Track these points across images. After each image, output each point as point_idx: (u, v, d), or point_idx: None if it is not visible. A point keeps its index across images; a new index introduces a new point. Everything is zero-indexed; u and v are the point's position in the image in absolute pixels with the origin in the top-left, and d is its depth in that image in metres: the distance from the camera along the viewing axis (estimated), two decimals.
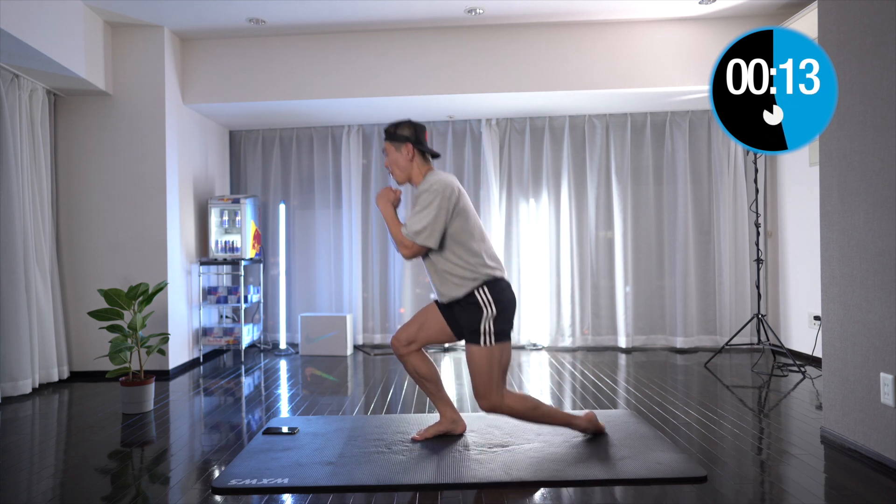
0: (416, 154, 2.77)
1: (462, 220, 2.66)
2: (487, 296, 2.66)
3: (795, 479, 2.40)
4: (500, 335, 2.67)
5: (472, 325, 2.67)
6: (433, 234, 2.61)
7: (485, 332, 2.65)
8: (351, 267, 5.78)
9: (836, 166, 2.76)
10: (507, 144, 5.71)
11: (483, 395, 2.68)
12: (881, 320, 2.50)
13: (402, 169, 2.78)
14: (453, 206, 2.64)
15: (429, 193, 2.63)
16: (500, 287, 2.69)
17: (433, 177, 2.70)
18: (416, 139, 2.77)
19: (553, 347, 5.54)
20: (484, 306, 2.65)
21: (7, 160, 3.95)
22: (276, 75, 4.90)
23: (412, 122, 2.80)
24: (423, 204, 2.63)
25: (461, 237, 2.65)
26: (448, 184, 2.66)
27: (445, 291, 2.72)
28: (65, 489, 2.42)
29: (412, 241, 2.62)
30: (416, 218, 2.63)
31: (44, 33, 3.72)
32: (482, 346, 2.65)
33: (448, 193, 2.63)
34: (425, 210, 2.61)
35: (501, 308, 2.67)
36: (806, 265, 4.79)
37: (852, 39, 2.65)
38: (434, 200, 2.61)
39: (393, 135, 2.78)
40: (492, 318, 2.65)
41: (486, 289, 2.66)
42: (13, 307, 3.96)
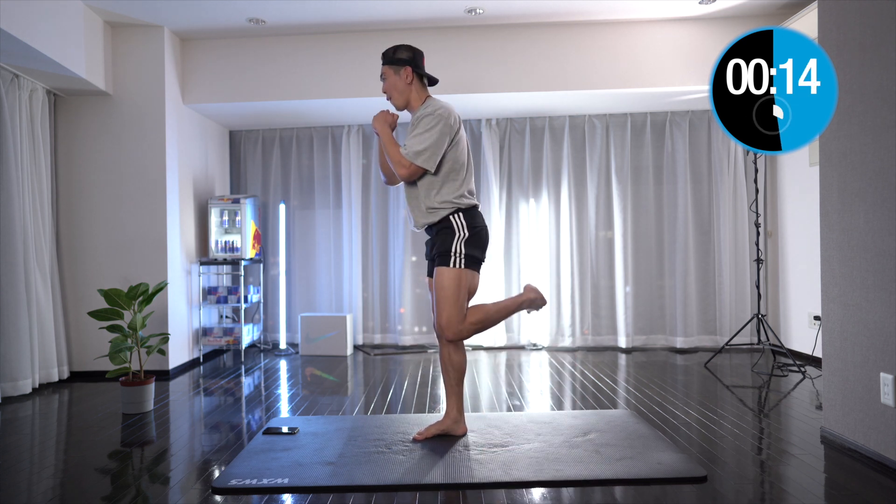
0: (414, 78, 2.79)
1: (456, 150, 2.71)
2: (461, 220, 2.72)
3: (795, 479, 2.40)
4: (471, 260, 2.72)
5: (444, 248, 2.71)
6: (433, 157, 2.65)
7: (455, 253, 2.69)
8: (351, 267, 5.78)
9: (836, 166, 2.76)
10: (507, 144, 5.71)
11: (447, 325, 2.71)
12: (881, 320, 2.50)
13: (401, 93, 2.80)
14: (454, 134, 2.69)
15: (432, 117, 2.66)
16: (473, 214, 2.76)
17: (435, 102, 2.74)
18: (415, 63, 2.78)
19: (553, 347, 5.54)
20: (457, 228, 2.71)
21: (7, 160, 3.95)
22: (276, 75, 4.90)
23: (411, 46, 2.82)
24: (425, 126, 2.65)
25: (451, 168, 2.71)
26: (451, 111, 2.71)
27: (420, 219, 2.78)
28: (65, 489, 2.42)
29: (411, 161, 2.65)
30: (417, 139, 2.65)
31: (44, 33, 3.72)
32: (451, 266, 2.69)
33: (451, 121, 2.68)
34: (427, 132, 2.64)
35: (474, 232, 2.72)
36: (806, 265, 4.79)
37: (852, 39, 2.65)
38: (437, 124, 2.65)
39: (391, 58, 2.79)
40: (463, 241, 2.70)
41: (460, 214, 2.73)
42: (13, 307, 3.96)
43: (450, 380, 2.88)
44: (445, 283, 2.69)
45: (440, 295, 2.70)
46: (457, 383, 2.88)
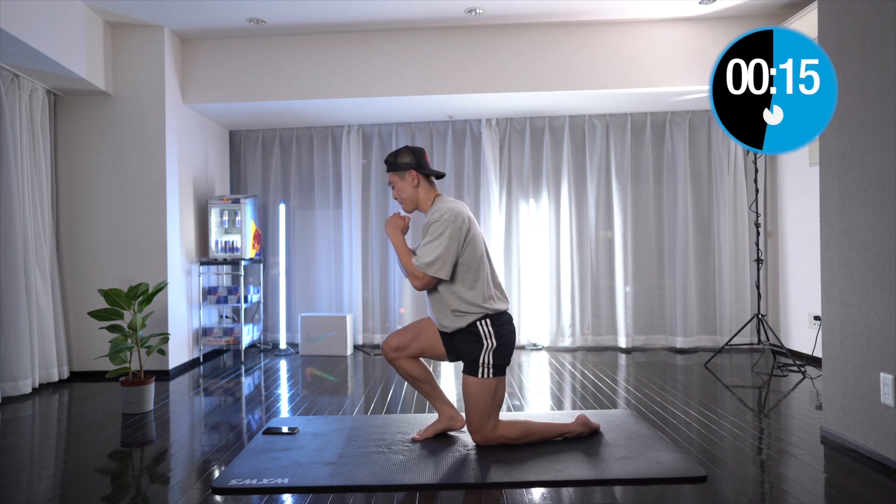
0: (420, 179, 2.75)
1: (472, 249, 2.65)
2: (489, 328, 2.66)
3: (795, 479, 2.40)
4: (498, 369, 2.68)
5: (471, 356, 2.67)
6: (444, 266, 2.60)
7: (483, 365, 2.65)
8: (351, 267, 5.78)
9: (836, 166, 2.76)
10: (507, 144, 5.71)
11: (477, 429, 2.69)
12: (881, 320, 2.50)
13: (410, 197, 2.76)
14: (464, 237, 2.63)
15: (439, 224, 2.60)
16: (502, 320, 2.70)
17: (443, 205, 2.68)
18: (417, 164, 2.75)
19: (553, 347, 5.54)
20: (485, 338, 2.65)
21: (7, 160, 3.95)
22: (276, 75, 4.90)
23: (410, 148, 2.78)
24: (433, 234, 2.61)
25: (469, 269, 2.64)
26: (458, 213, 2.64)
27: (447, 323, 2.71)
28: (65, 489, 2.42)
29: (423, 272, 2.60)
30: (426, 248, 2.60)
31: (44, 33, 3.72)
32: (480, 377, 2.65)
33: (459, 223, 2.61)
34: (436, 241, 2.59)
35: (502, 342, 2.67)
36: (806, 265, 4.79)
37: (852, 39, 2.65)
38: (445, 231, 2.59)
39: (394, 164, 2.76)
40: (492, 351, 2.65)
41: (488, 321, 2.66)
42: (13, 307, 3.96)
43: (425, 391, 2.89)
44: (474, 392, 2.66)
45: (469, 403, 2.69)
46: (433, 389, 2.89)
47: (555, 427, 2.81)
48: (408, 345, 2.83)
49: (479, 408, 2.66)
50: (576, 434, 2.83)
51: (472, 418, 2.69)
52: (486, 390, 2.65)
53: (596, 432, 2.90)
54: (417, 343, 2.83)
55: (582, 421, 2.86)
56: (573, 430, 2.82)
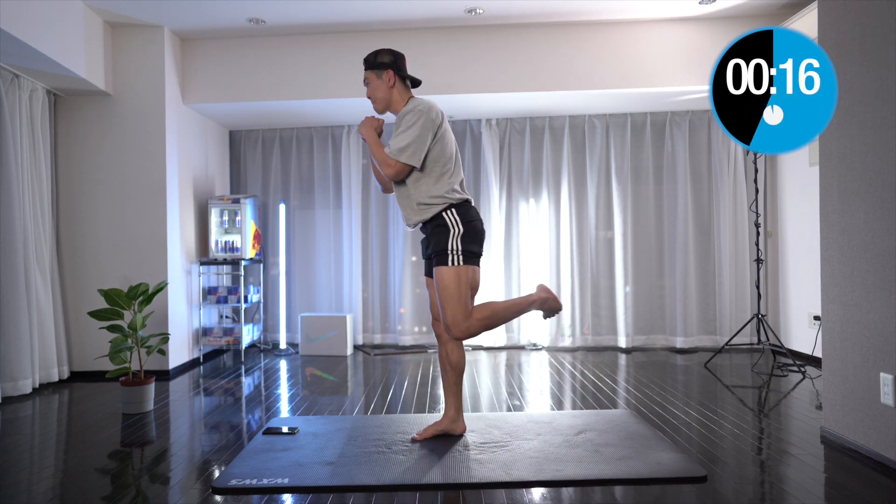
0: (397, 80, 2.80)
1: (442, 144, 2.70)
2: (455, 216, 2.70)
3: (795, 479, 2.40)
4: (469, 256, 2.70)
5: (440, 246, 2.69)
6: (417, 152, 2.65)
7: (452, 251, 2.67)
8: (351, 267, 5.78)
9: (836, 166, 2.76)
10: (507, 144, 5.71)
11: (453, 323, 2.67)
12: (881, 320, 2.50)
13: (383, 97, 2.81)
14: (437, 129, 2.69)
15: (412, 114, 2.67)
16: (465, 208, 2.74)
17: (416, 100, 2.74)
18: (396, 66, 2.80)
19: (553, 347, 5.54)
20: (451, 225, 2.69)
21: (7, 160, 3.95)
22: (275, 75, 4.90)
23: (392, 49, 2.84)
24: (406, 124, 2.66)
25: (437, 162, 2.69)
26: (432, 106, 2.70)
27: (412, 216, 2.77)
28: (65, 489, 2.42)
29: (396, 158, 2.65)
30: (400, 137, 2.66)
31: (44, 33, 3.72)
32: (450, 265, 2.67)
33: (433, 116, 2.68)
34: (410, 129, 2.65)
35: (469, 227, 2.71)
36: (806, 265, 4.79)
37: (852, 39, 2.65)
38: (418, 120, 2.65)
39: (373, 63, 2.81)
40: (459, 237, 2.68)
41: (453, 210, 2.71)
42: (13, 307, 3.96)
43: (448, 379, 2.87)
44: (446, 282, 2.67)
45: (442, 295, 2.69)
46: (455, 382, 2.87)
47: (520, 299, 2.86)
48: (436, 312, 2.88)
49: (451, 297, 2.65)
50: (541, 300, 2.87)
51: (447, 312, 2.67)
52: (457, 277, 2.66)
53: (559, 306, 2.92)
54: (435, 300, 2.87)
55: (543, 288, 2.90)
56: (538, 297, 2.87)
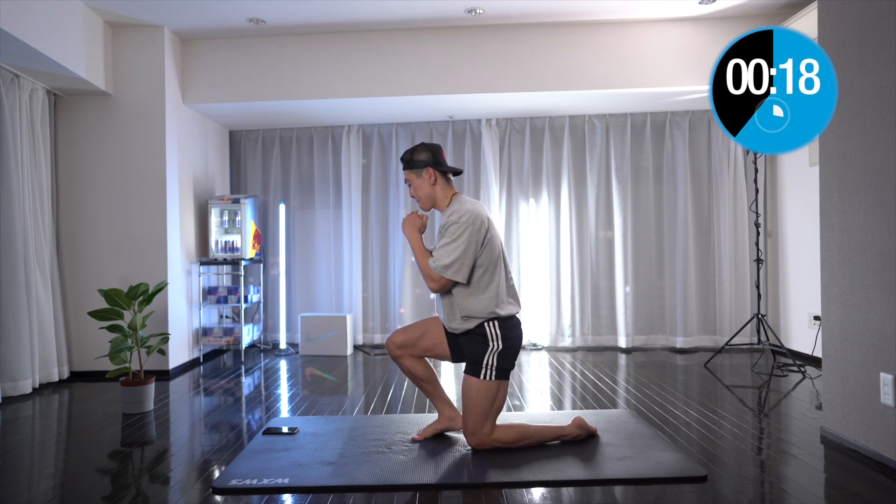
0: (438, 177, 2.71)
1: (489, 251, 2.61)
2: (496, 330, 2.61)
3: (795, 479, 2.40)
4: (502, 372, 2.63)
5: (475, 357, 2.62)
6: (462, 269, 2.55)
7: (487, 366, 2.61)
8: (351, 267, 5.78)
9: (836, 166, 2.76)
10: (507, 144, 5.71)
11: (473, 432, 2.63)
12: (881, 320, 2.50)
13: (427, 195, 2.72)
14: (483, 239, 2.59)
15: (458, 226, 2.56)
16: (510, 324, 2.65)
17: (461, 206, 2.63)
18: (434, 161, 2.70)
19: (553, 347, 5.54)
20: (491, 340, 2.61)
21: (7, 160, 3.95)
22: (276, 75, 4.90)
23: (427, 145, 2.73)
24: (451, 236, 2.56)
25: (486, 271, 2.60)
26: (477, 214, 2.59)
27: (455, 326, 2.67)
28: (65, 489, 2.42)
29: (440, 275, 2.55)
30: (444, 251, 2.56)
31: (44, 33, 3.72)
32: (482, 379, 2.60)
33: (478, 226, 2.57)
34: (454, 242, 2.54)
35: (508, 344, 2.63)
36: (806, 265, 4.79)
37: (852, 39, 2.65)
38: (464, 233, 2.54)
39: (410, 161, 2.71)
40: (496, 353, 2.61)
41: (496, 323, 2.62)
42: (13, 307, 3.96)
43: (426, 389, 2.87)
44: (474, 394, 2.61)
45: (467, 405, 2.64)
46: (434, 389, 2.87)
47: (551, 430, 2.77)
48: (413, 343, 2.80)
49: (477, 410, 2.61)
50: (572, 437, 2.78)
51: (469, 421, 2.63)
52: (486, 392, 2.60)
53: (593, 436, 2.86)
54: (423, 342, 2.80)
55: (578, 423, 2.80)
56: (570, 433, 2.77)
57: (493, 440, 2.65)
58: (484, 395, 2.60)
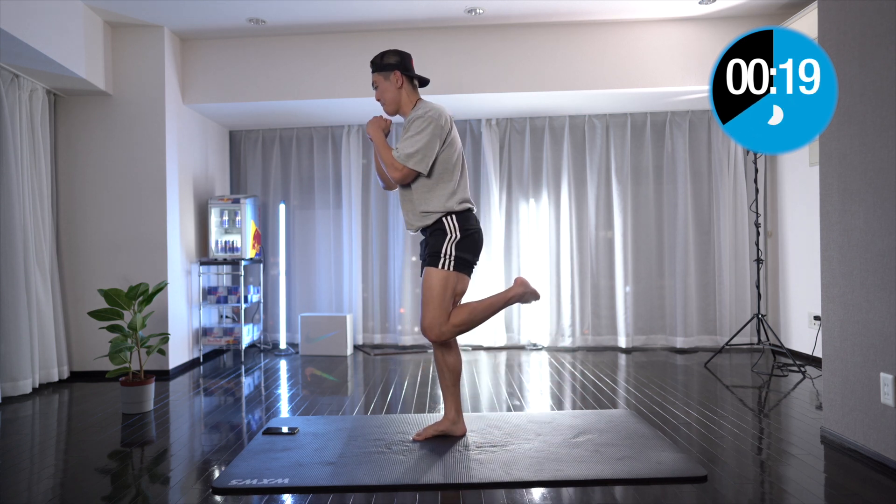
0: (405, 81, 2.78)
1: (449, 151, 2.70)
2: (454, 222, 2.69)
3: (795, 479, 2.40)
4: (461, 263, 2.68)
5: (435, 248, 2.69)
6: (425, 159, 2.64)
7: (445, 255, 2.67)
8: (351, 267, 5.78)
9: (836, 166, 2.76)
10: (507, 144, 5.71)
11: (430, 326, 2.67)
12: (881, 320, 2.50)
13: (392, 98, 2.78)
14: (446, 135, 2.68)
15: (422, 120, 2.65)
16: (467, 216, 2.73)
17: (426, 104, 2.73)
18: (403, 66, 2.78)
19: (553, 347, 5.54)
20: (449, 230, 2.68)
21: (7, 160, 3.95)
22: (276, 75, 4.90)
23: (398, 50, 2.81)
24: (416, 129, 2.65)
25: (445, 169, 2.69)
26: (441, 112, 2.69)
27: (414, 221, 2.76)
28: (65, 489, 2.42)
29: (403, 163, 2.64)
30: (408, 142, 2.64)
31: (44, 33, 3.72)
32: (439, 268, 2.66)
33: (442, 122, 2.67)
34: (418, 135, 2.64)
35: (466, 235, 2.70)
36: (806, 265, 4.79)
37: (852, 39, 2.65)
38: (427, 126, 2.64)
39: (380, 64, 2.79)
40: (454, 242, 2.67)
41: (453, 216, 2.70)
42: (13, 307, 3.96)
43: (445, 381, 2.87)
44: (432, 283, 2.66)
45: (425, 296, 2.68)
46: (453, 384, 2.87)
47: (497, 297, 2.82)
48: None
49: (434, 300, 2.65)
50: (518, 295, 2.83)
51: (426, 314, 2.67)
52: (444, 281, 2.65)
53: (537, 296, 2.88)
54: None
55: (520, 282, 2.86)
56: (515, 292, 2.83)
57: (450, 327, 2.69)
58: (441, 283, 2.65)
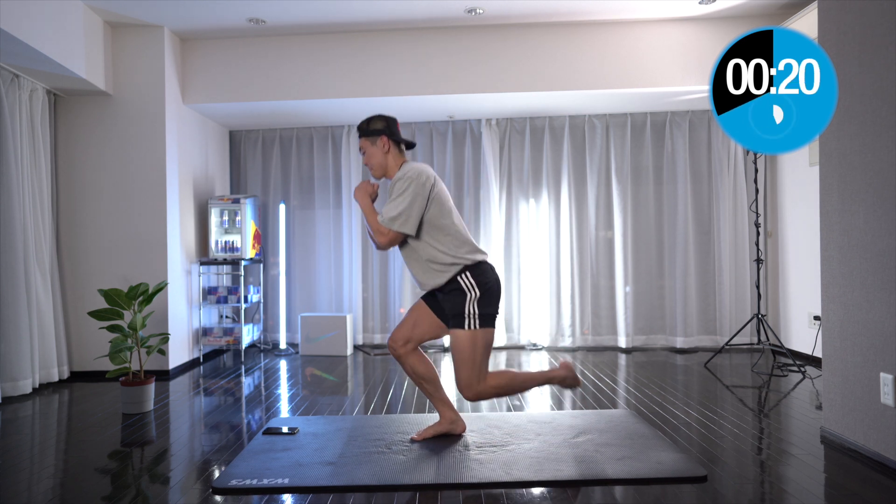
0: (391, 146, 2.80)
1: (437, 206, 2.68)
2: (470, 279, 2.66)
3: (795, 479, 2.40)
4: (485, 319, 2.67)
5: (457, 310, 2.67)
6: (409, 220, 2.63)
7: (469, 315, 2.65)
8: (351, 267, 5.78)
9: (836, 166, 2.76)
10: (507, 144, 5.71)
11: (467, 385, 2.66)
12: (881, 320, 2.50)
13: (379, 163, 2.81)
14: (428, 193, 2.66)
15: (403, 181, 2.65)
16: (482, 269, 2.70)
17: (407, 166, 2.73)
18: (389, 131, 2.80)
19: (553, 347, 5.54)
20: (467, 289, 2.66)
21: (7, 160, 3.95)
22: (276, 75, 4.90)
23: (384, 115, 2.84)
24: (397, 191, 2.65)
25: (438, 222, 2.67)
26: (422, 171, 2.68)
27: (426, 280, 2.73)
28: (65, 489, 2.42)
29: (388, 227, 2.64)
30: (391, 205, 2.65)
31: (44, 33, 3.72)
32: (466, 329, 2.65)
33: (423, 180, 2.65)
34: (400, 197, 2.64)
35: (486, 290, 2.67)
36: (806, 265, 4.79)
37: (852, 39, 2.65)
38: (409, 187, 2.63)
39: (366, 130, 2.81)
40: (476, 301, 2.65)
41: (468, 273, 2.67)
42: (13, 307, 3.96)
43: (427, 390, 2.88)
44: (462, 346, 2.65)
45: (457, 357, 2.68)
46: (435, 390, 2.88)
47: (541, 374, 2.85)
48: (410, 335, 2.84)
49: (467, 361, 2.64)
50: (560, 378, 2.86)
51: (462, 374, 2.66)
52: (474, 341, 2.64)
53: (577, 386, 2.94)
54: (418, 329, 2.84)
55: (566, 365, 2.89)
56: (557, 374, 2.86)
57: (487, 387, 2.69)
58: (471, 344, 2.64)
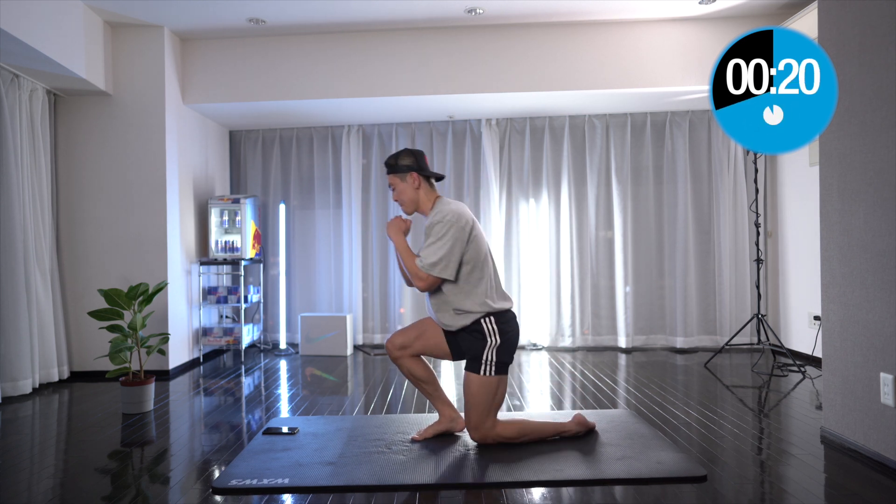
0: (421, 181, 2.76)
1: (475, 248, 2.66)
2: (493, 325, 2.66)
3: (795, 479, 2.40)
4: (501, 367, 2.68)
5: (475, 353, 2.67)
6: (449, 265, 2.60)
7: (486, 362, 2.65)
8: (351, 267, 5.78)
9: (836, 166, 2.76)
10: (507, 144, 5.71)
11: (476, 427, 2.68)
12: (881, 320, 2.50)
13: (411, 199, 2.77)
14: (467, 236, 2.63)
15: (442, 224, 2.61)
16: (506, 318, 2.70)
17: (445, 206, 2.69)
18: (418, 166, 2.75)
19: (553, 347, 5.54)
20: (489, 335, 2.66)
21: (7, 160, 3.95)
22: (276, 75, 4.90)
23: (411, 150, 2.79)
24: (436, 235, 2.61)
25: (474, 268, 2.65)
26: (461, 214, 2.65)
27: (449, 322, 2.71)
28: (65, 489, 2.42)
29: (428, 272, 2.60)
30: (430, 249, 2.61)
31: (44, 33, 3.72)
32: (482, 375, 2.65)
33: (462, 224, 2.63)
34: (440, 241, 2.60)
35: (506, 339, 2.67)
36: (806, 265, 4.79)
37: (852, 39, 2.65)
38: (448, 231, 2.60)
39: (395, 166, 2.76)
40: (495, 348, 2.65)
41: (492, 318, 2.67)
42: (13, 307, 3.96)
43: (426, 390, 2.89)
44: (475, 390, 2.65)
45: (469, 401, 2.68)
46: (434, 390, 2.89)
47: (552, 426, 2.83)
48: (411, 343, 2.83)
49: (479, 405, 2.66)
50: (573, 433, 2.84)
51: (472, 416, 2.68)
52: (487, 388, 2.65)
53: (592, 431, 2.91)
54: (421, 341, 2.83)
55: (578, 420, 2.87)
56: (570, 429, 2.83)
57: (495, 434, 2.69)
58: (485, 390, 2.65)
